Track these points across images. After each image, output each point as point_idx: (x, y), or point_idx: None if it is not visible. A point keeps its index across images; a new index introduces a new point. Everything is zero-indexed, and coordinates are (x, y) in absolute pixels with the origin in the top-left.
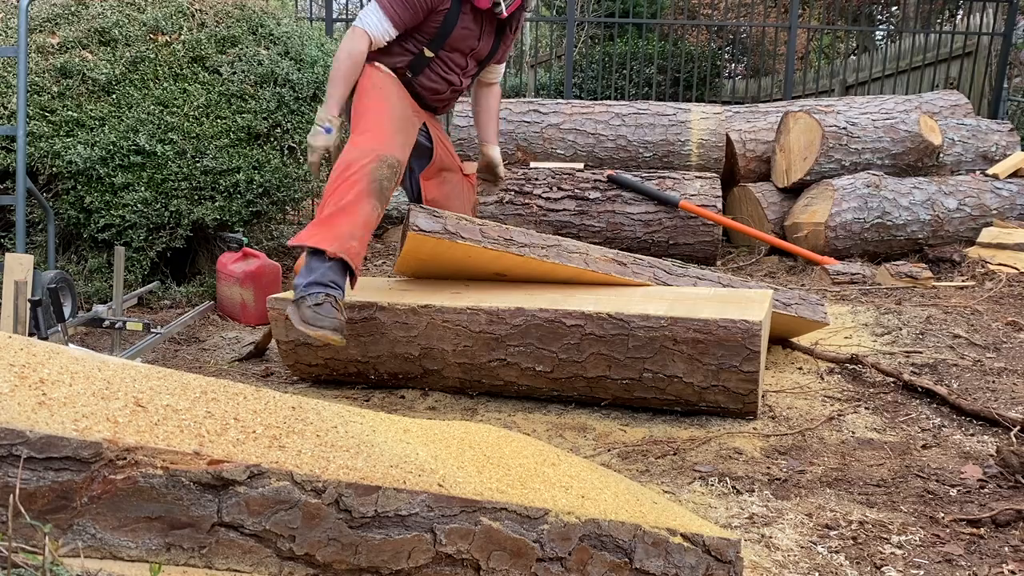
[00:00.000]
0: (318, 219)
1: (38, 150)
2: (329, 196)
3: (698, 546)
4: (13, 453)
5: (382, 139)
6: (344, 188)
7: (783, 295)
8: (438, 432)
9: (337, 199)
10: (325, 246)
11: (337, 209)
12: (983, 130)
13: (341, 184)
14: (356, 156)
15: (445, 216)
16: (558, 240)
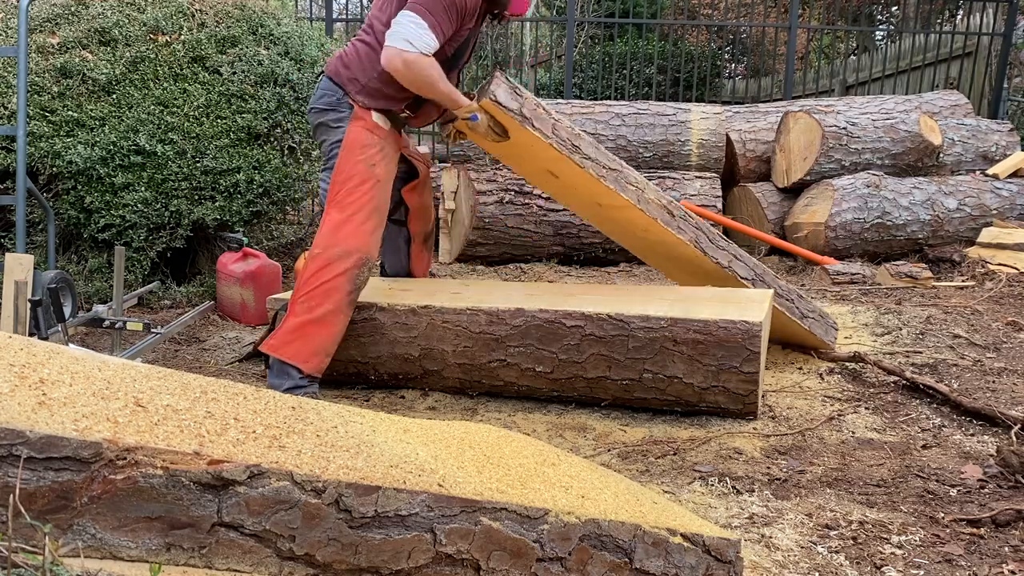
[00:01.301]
0: (293, 326)
1: (38, 150)
2: (307, 294)
3: (698, 546)
4: (13, 453)
5: (366, 239)
6: (322, 293)
7: (803, 304)
8: (438, 432)
9: (315, 303)
10: (301, 364)
11: (313, 319)
12: (983, 130)
13: (321, 286)
14: (338, 255)
15: (524, 97)
16: (621, 165)
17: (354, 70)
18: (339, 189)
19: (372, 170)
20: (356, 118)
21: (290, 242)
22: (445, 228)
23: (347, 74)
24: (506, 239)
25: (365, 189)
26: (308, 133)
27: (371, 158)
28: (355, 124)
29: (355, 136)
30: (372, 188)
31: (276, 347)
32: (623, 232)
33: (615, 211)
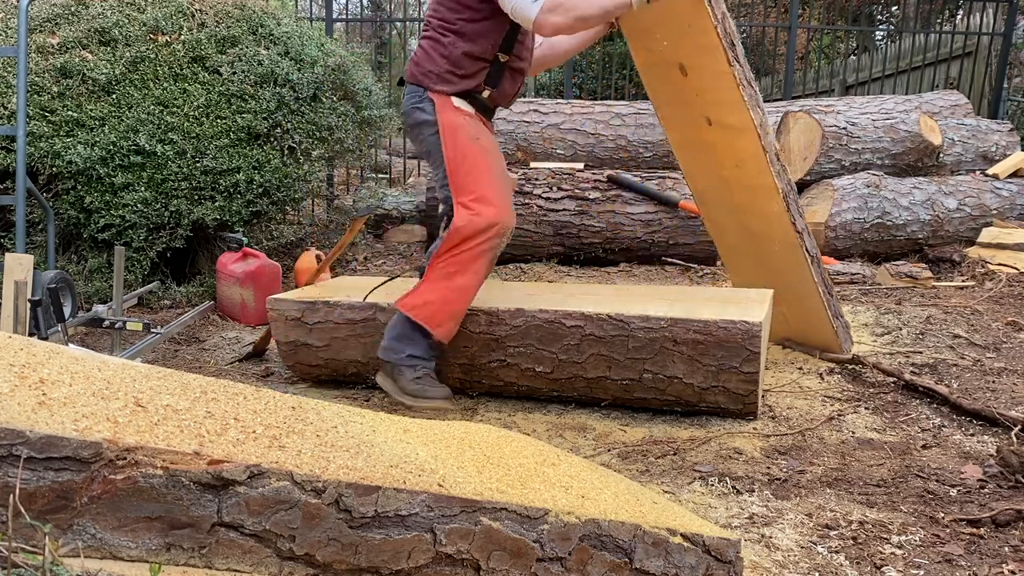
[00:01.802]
0: (430, 289)
1: (38, 150)
2: (447, 260)
3: (698, 546)
4: (13, 453)
5: (501, 208)
6: (462, 261)
7: (835, 305)
8: (438, 432)
9: (453, 270)
10: (434, 328)
11: (451, 286)
12: (983, 130)
13: (461, 254)
14: (480, 228)
15: None
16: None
17: (425, 64)
18: (456, 174)
19: (477, 143)
20: (441, 107)
21: (290, 242)
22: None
23: (420, 71)
24: None
25: (480, 161)
26: (308, 133)
27: (471, 133)
28: (442, 111)
29: (446, 120)
30: (486, 157)
31: (411, 307)
32: (708, 166)
33: (723, 133)
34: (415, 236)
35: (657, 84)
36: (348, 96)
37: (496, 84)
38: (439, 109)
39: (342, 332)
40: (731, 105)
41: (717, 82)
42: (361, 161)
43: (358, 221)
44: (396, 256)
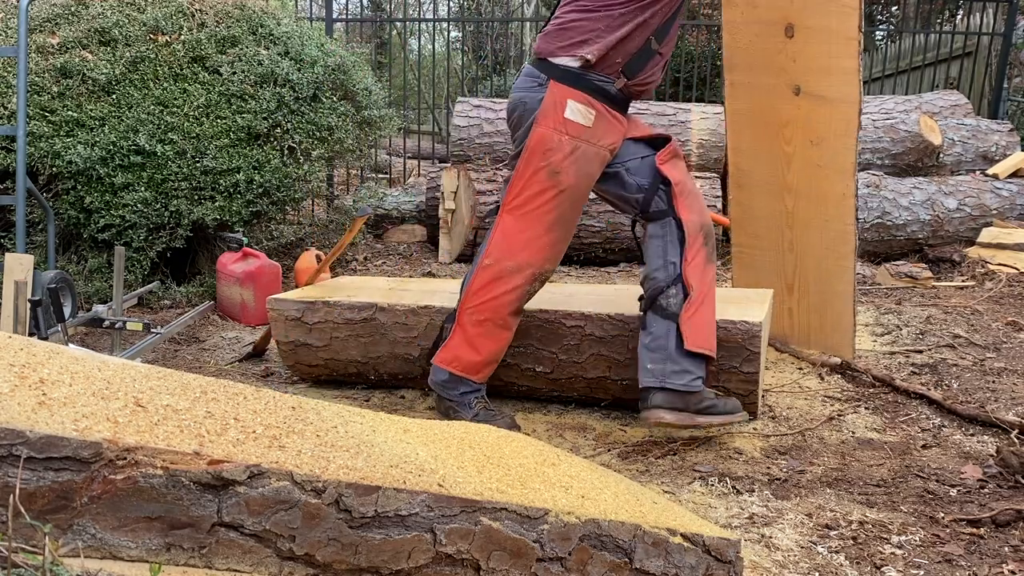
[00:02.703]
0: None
1: (38, 150)
2: (475, 307)
3: (698, 546)
4: (13, 453)
5: (542, 253)
6: (491, 308)
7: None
8: (438, 432)
9: (483, 317)
10: (474, 376)
11: (482, 333)
12: (983, 130)
13: (490, 300)
14: (510, 270)
15: None
16: None
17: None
18: (517, 194)
19: (555, 178)
20: (548, 112)
21: (290, 242)
22: (445, 228)
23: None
24: None
25: (546, 199)
26: (308, 133)
27: (555, 165)
28: (542, 125)
29: (539, 138)
30: (554, 198)
31: (449, 361)
32: (770, 141)
33: (812, 104)
34: (415, 236)
35: (744, 45)
36: (348, 96)
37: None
38: (538, 122)
39: (342, 332)
40: (842, 75)
41: (835, 48)
42: (361, 161)
43: (358, 221)
44: (396, 256)
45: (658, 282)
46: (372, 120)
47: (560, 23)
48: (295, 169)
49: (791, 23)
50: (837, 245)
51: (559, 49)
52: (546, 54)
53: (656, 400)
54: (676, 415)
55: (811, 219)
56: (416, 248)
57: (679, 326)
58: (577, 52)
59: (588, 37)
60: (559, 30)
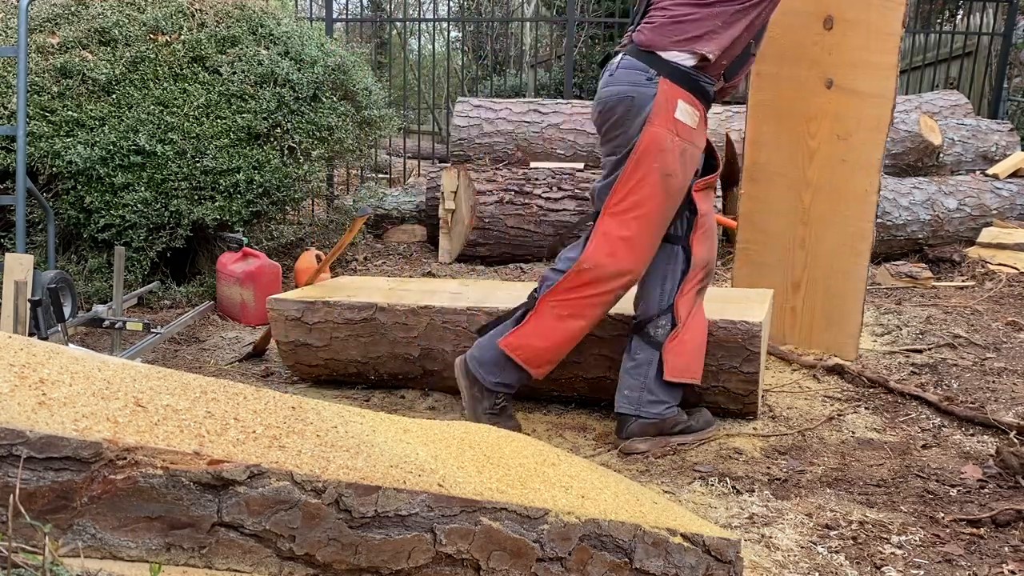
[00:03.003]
0: (538, 329)
1: (38, 150)
2: (563, 301)
3: (698, 546)
4: (13, 453)
5: (642, 259)
6: (580, 306)
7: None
8: (438, 432)
9: (568, 312)
10: (533, 369)
11: (562, 328)
12: (983, 130)
13: (582, 299)
14: (609, 276)
15: None
16: None
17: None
18: (623, 197)
19: (666, 181)
20: (660, 112)
21: (290, 242)
22: (445, 228)
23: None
24: (506, 239)
25: (656, 203)
26: (308, 133)
27: (667, 167)
28: (656, 124)
29: (653, 138)
30: (664, 202)
31: (515, 347)
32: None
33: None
34: (415, 236)
35: (775, 35)
36: (348, 96)
37: (732, 76)
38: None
39: (342, 332)
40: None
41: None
42: (361, 161)
43: (358, 221)
44: (396, 256)
45: (650, 310)
46: (372, 120)
47: (672, 16)
48: (295, 169)
49: (831, 15)
50: (855, 243)
51: (672, 44)
52: (657, 47)
53: (632, 430)
54: (650, 442)
55: (829, 216)
56: (416, 248)
57: (662, 355)
58: (694, 47)
59: (705, 33)
60: (673, 23)
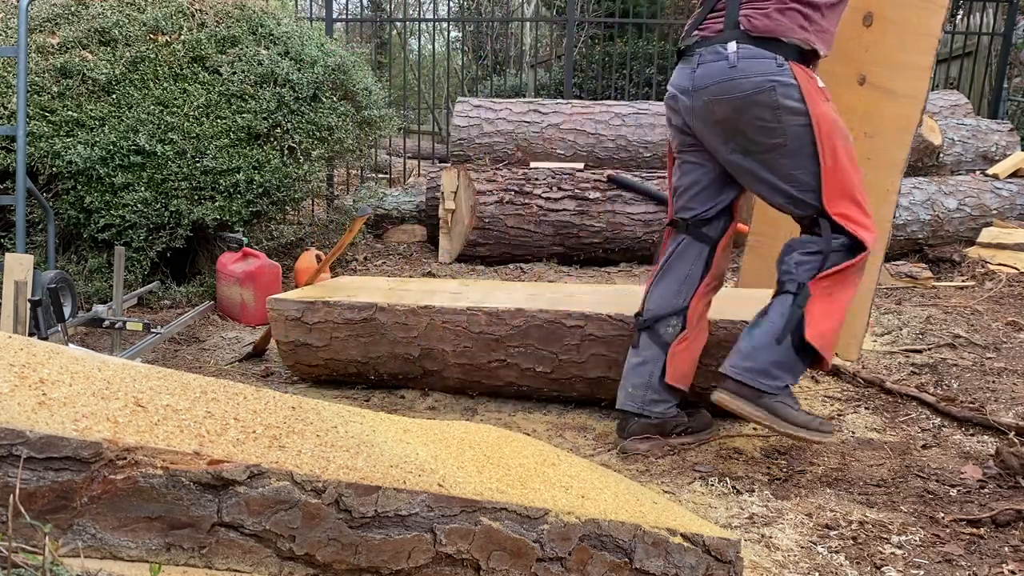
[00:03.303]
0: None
1: (38, 150)
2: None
3: (698, 546)
4: (13, 453)
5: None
6: (845, 278)
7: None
8: (438, 432)
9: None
10: (828, 356)
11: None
12: (983, 130)
13: (847, 270)
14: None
15: None
16: None
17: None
18: (840, 182)
19: (848, 147)
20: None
21: (290, 242)
22: (445, 228)
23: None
24: (506, 239)
25: (855, 172)
26: (308, 133)
27: (846, 132)
28: (818, 104)
29: (823, 116)
30: (857, 169)
31: (819, 336)
32: None
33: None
34: (415, 236)
35: None
36: (348, 96)
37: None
38: (811, 94)
39: (342, 332)
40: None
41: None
42: (361, 161)
43: (358, 221)
44: (396, 256)
45: (664, 308)
46: (372, 120)
47: (785, 6)
48: (295, 169)
49: (871, 11)
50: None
51: (791, 30)
52: (778, 33)
53: (633, 429)
54: (650, 442)
55: None
56: (416, 248)
57: (667, 358)
58: (805, 37)
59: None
60: (787, 9)
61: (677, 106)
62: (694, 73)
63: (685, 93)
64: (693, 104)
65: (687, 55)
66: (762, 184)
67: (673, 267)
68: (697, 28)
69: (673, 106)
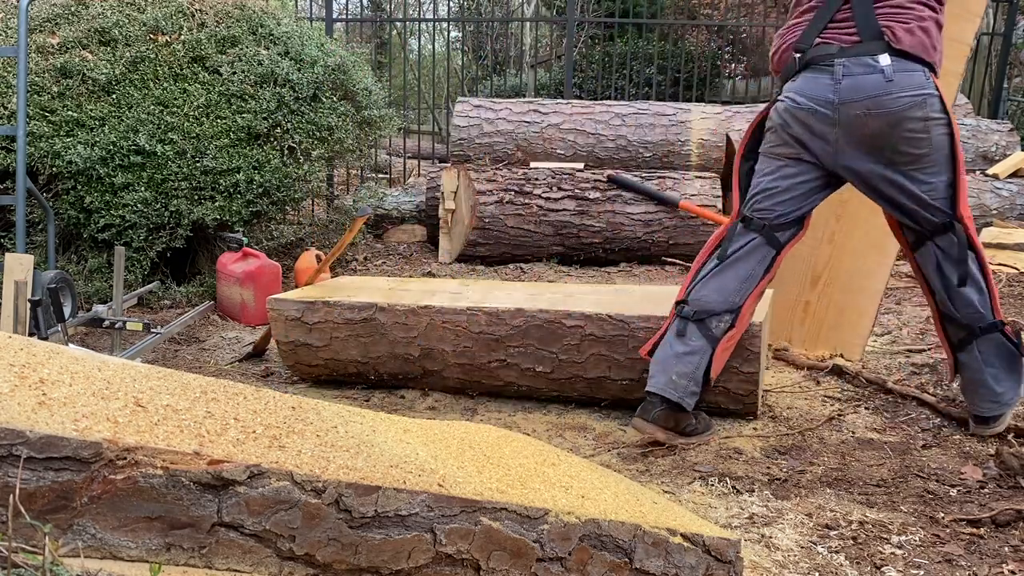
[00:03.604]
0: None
1: (38, 150)
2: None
3: (698, 546)
4: (13, 453)
5: None
6: None
7: None
8: (438, 432)
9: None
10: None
11: None
12: (983, 130)
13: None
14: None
15: None
16: None
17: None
18: (963, 186)
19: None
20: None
21: (290, 242)
22: (445, 228)
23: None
24: (506, 239)
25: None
26: (308, 133)
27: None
28: (952, 117)
29: (957, 132)
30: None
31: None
32: None
33: None
34: (415, 236)
35: None
36: (348, 96)
37: None
38: (944, 109)
39: (342, 332)
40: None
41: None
42: (361, 161)
43: (358, 221)
44: (396, 256)
45: (721, 304)
46: (372, 120)
47: (923, 24)
48: (295, 169)
49: None
50: (884, 242)
51: (931, 48)
52: (920, 50)
53: (659, 416)
54: (666, 434)
55: (864, 212)
56: (416, 248)
57: (714, 352)
58: (934, 56)
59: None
60: (923, 28)
61: (804, 116)
62: (838, 85)
63: (825, 105)
64: (837, 117)
65: (821, 65)
66: (900, 193)
67: (737, 264)
68: (818, 36)
69: (798, 115)
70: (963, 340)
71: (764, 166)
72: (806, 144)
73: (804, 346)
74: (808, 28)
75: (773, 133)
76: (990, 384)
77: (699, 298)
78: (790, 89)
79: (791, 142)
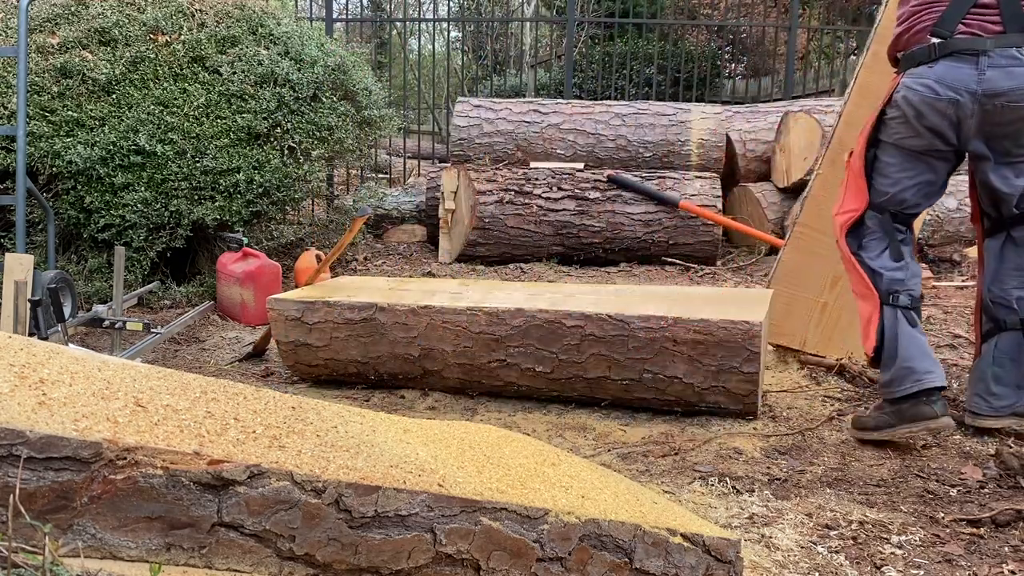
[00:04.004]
0: None
1: (38, 150)
2: None
3: (698, 546)
4: (13, 453)
5: None
6: None
7: None
8: (438, 432)
9: None
10: None
11: None
12: None
13: None
14: None
15: None
16: None
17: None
18: None
19: None
20: None
21: (290, 242)
22: (445, 228)
23: None
24: (506, 239)
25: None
26: (308, 133)
27: None
28: None
29: None
30: None
31: None
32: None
33: None
34: (415, 236)
35: None
36: (348, 96)
37: None
38: None
39: (342, 332)
40: None
41: None
42: (361, 161)
43: (358, 221)
44: (396, 256)
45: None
46: (372, 120)
47: None
48: (295, 169)
49: None
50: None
51: None
52: None
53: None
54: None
55: None
56: (416, 248)
57: None
58: None
59: None
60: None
61: (943, 106)
62: (983, 76)
63: (967, 95)
64: (976, 107)
65: (963, 54)
66: (1004, 183)
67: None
68: (960, 22)
69: (937, 105)
70: (990, 331)
71: (893, 159)
72: (943, 133)
73: (817, 347)
74: (949, 11)
75: (903, 124)
76: (988, 381)
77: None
78: (927, 76)
79: (925, 133)
